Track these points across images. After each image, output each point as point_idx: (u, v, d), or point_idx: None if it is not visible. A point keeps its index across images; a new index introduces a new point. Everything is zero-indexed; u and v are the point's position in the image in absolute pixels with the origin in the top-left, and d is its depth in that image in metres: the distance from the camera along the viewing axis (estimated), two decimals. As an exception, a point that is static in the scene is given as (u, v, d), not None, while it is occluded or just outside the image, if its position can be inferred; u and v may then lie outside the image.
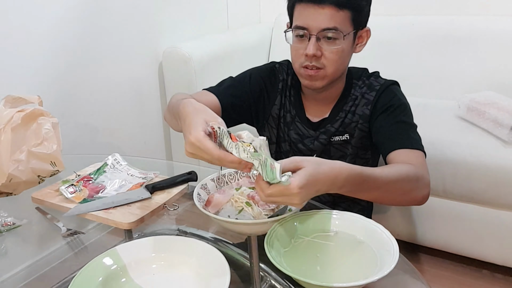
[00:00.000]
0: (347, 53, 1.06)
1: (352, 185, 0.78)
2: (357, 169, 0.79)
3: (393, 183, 0.87)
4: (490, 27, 1.83)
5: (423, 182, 0.93)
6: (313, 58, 1.02)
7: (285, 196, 0.70)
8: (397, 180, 0.88)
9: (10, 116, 0.99)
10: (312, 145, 1.15)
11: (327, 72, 1.04)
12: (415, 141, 1.02)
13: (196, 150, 0.71)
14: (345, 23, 1.01)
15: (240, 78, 1.19)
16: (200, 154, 0.71)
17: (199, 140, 0.70)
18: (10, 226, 0.94)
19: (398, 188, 0.89)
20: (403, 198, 0.92)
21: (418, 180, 0.92)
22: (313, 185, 0.71)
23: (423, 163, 0.98)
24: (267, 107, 1.20)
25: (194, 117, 0.75)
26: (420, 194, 0.93)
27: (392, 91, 1.11)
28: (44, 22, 1.39)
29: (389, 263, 0.68)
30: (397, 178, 0.88)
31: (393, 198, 0.91)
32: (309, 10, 1.00)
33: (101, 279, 0.71)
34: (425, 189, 0.93)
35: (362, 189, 0.82)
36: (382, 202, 0.94)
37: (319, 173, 0.72)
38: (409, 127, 1.05)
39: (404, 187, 0.90)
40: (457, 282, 1.57)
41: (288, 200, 0.71)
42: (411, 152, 0.99)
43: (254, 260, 0.87)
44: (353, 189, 0.80)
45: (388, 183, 0.86)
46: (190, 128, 0.73)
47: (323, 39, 1.01)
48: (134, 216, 0.88)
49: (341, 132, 1.13)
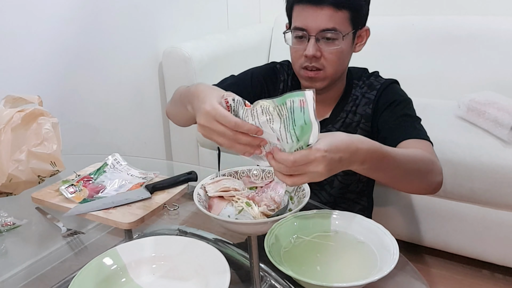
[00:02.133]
0: (347, 53, 1.06)
1: (372, 160, 0.74)
2: (376, 144, 0.75)
3: (411, 163, 0.85)
4: (490, 27, 1.83)
5: (437, 167, 0.92)
6: (312, 59, 1.02)
7: (310, 164, 0.64)
8: (415, 161, 0.86)
9: (10, 116, 0.99)
10: None
11: (327, 73, 1.04)
12: (422, 132, 1.01)
13: (210, 121, 0.67)
14: (344, 23, 1.01)
15: (242, 77, 1.19)
16: (214, 126, 0.67)
17: (215, 108, 0.66)
18: (10, 226, 0.94)
19: (416, 169, 0.87)
20: (420, 180, 0.90)
21: (433, 163, 0.90)
22: (336, 151, 0.67)
23: (433, 152, 0.97)
24: None
25: (208, 92, 0.72)
26: (435, 179, 0.91)
27: (392, 89, 1.11)
28: (44, 22, 1.39)
29: (389, 263, 0.68)
30: (414, 159, 0.86)
31: (410, 180, 0.88)
32: (308, 11, 1.00)
33: (101, 279, 0.71)
34: (439, 175, 0.92)
35: (382, 167, 0.78)
36: (399, 185, 0.91)
37: (341, 140, 0.68)
38: (414, 120, 1.05)
39: (421, 168, 0.88)
40: (457, 282, 1.57)
41: (314, 167, 0.64)
42: (419, 142, 0.98)
43: (254, 260, 0.87)
44: (373, 165, 0.76)
45: (406, 162, 0.83)
46: (204, 100, 0.69)
47: (322, 40, 1.01)
48: (134, 216, 0.88)
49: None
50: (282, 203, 0.87)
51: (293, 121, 0.61)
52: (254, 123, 0.65)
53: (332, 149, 0.66)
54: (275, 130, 0.64)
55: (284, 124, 0.62)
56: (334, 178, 1.15)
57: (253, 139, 0.66)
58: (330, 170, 0.67)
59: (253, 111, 0.64)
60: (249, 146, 0.68)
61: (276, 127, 0.63)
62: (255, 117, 0.64)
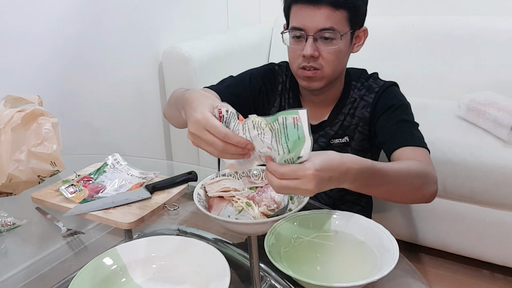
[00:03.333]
0: (345, 53, 1.06)
1: (363, 178, 0.75)
2: (368, 162, 0.75)
3: (403, 178, 0.85)
4: (490, 27, 1.83)
5: (432, 178, 0.92)
6: (310, 59, 1.02)
7: (299, 180, 0.64)
8: (407, 175, 0.86)
9: (10, 116, 0.99)
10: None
11: (324, 72, 1.04)
12: (419, 138, 1.01)
13: (200, 129, 0.67)
14: (341, 23, 1.01)
15: (240, 78, 1.19)
16: (203, 135, 0.67)
17: (206, 117, 0.66)
18: (10, 226, 0.94)
19: (408, 183, 0.87)
20: (413, 194, 0.90)
21: (427, 175, 0.91)
22: (327, 170, 0.67)
23: (429, 160, 0.97)
24: (266, 108, 1.20)
25: (200, 101, 0.72)
26: (429, 190, 0.91)
27: (391, 93, 1.10)
28: (44, 22, 1.39)
29: (389, 263, 0.68)
30: (407, 173, 0.86)
31: (403, 193, 0.88)
32: (305, 11, 1.00)
33: (101, 279, 0.71)
34: (433, 185, 0.92)
35: (373, 184, 0.79)
36: (392, 199, 0.92)
37: (332, 160, 0.68)
38: (411, 126, 1.05)
39: (414, 182, 0.88)
40: (457, 282, 1.57)
41: (302, 184, 0.64)
42: (415, 149, 0.98)
43: (254, 260, 0.87)
44: (364, 183, 0.76)
45: (398, 178, 0.84)
46: (196, 109, 0.69)
47: (320, 40, 1.01)
48: (134, 216, 0.88)
49: (341, 134, 1.13)
50: (282, 203, 0.87)
51: (285, 135, 0.61)
52: (244, 137, 0.65)
53: (323, 168, 0.65)
54: (265, 143, 0.64)
55: (276, 138, 0.62)
56: None
57: (242, 149, 0.66)
58: (319, 188, 0.67)
59: (244, 125, 0.65)
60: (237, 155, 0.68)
61: (267, 140, 0.64)
62: (246, 131, 0.65)
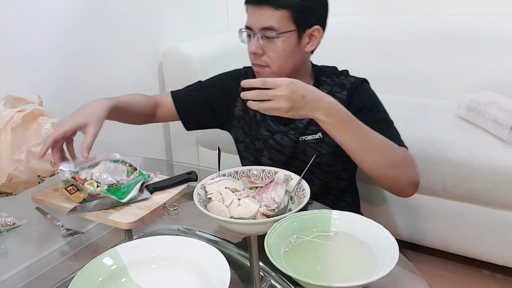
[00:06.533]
0: (290, 51, 1.07)
1: (337, 117, 0.84)
2: (346, 109, 0.85)
3: (378, 144, 0.91)
4: (490, 27, 1.83)
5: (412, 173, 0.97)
6: (256, 56, 1.08)
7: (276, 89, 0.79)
8: (383, 143, 0.92)
9: (10, 116, 0.99)
10: (281, 140, 1.16)
11: (272, 69, 1.08)
12: (398, 138, 1.04)
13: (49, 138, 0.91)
14: (283, 22, 1.04)
15: (205, 82, 1.27)
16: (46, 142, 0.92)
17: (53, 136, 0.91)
18: (10, 226, 0.94)
19: (382, 153, 0.92)
20: (388, 169, 0.94)
21: (406, 163, 0.96)
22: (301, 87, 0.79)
23: (412, 160, 1.01)
24: (230, 109, 1.24)
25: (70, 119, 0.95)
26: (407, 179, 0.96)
27: (363, 90, 1.12)
28: (44, 22, 1.39)
29: (389, 263, 0.68)
30: (384, 141, 0.92)
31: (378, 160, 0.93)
32: (252, 11, 1.07)
33: (101, 279, 0.71)
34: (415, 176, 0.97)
35: (347, 130, 0.87)
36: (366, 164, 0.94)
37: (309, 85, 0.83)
38: (389, 125, 1.07)
39: (390, 155, 0.93)
40: (457, 282, 1.57)
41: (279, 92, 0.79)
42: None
43: (254, 260, 0.87)
44: (339, 124, 0.85)
45: (373, 139, 0.90)
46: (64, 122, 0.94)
47: (265, 38, 1.06)
48: (134, 216, 0.88)
49: (314, 130, 1.13)
50: (282, 203, 0.87)
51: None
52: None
53: (298, 83, 0.78)
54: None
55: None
56: (313, 177, 1.15)
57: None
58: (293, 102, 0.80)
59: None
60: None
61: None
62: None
